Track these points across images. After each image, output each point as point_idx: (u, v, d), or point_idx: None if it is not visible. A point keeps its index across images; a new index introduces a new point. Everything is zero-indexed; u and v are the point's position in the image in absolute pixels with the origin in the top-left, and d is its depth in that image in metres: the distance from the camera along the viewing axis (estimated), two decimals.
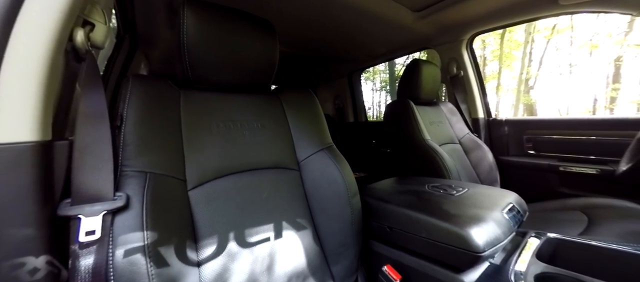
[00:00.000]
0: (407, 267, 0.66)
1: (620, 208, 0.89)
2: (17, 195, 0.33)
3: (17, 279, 0.32)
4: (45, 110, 0.38)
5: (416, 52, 1.71)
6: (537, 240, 0.65)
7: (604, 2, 0.94)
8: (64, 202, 0.40)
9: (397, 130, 1.26)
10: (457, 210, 0.63)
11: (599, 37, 6.97)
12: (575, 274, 0.51)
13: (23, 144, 0.34)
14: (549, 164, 1.26)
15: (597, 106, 7.20)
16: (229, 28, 0.64)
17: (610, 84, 6.83)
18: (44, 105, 0.37)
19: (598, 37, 6.97)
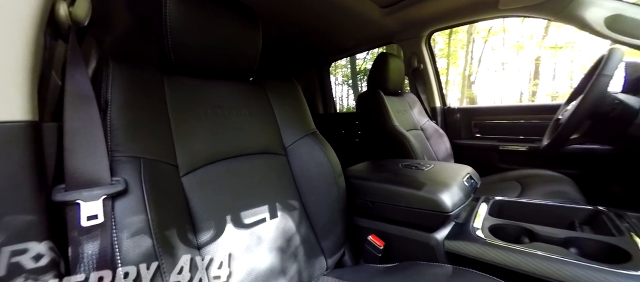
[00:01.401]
0: (389, 235, 0.75)
1: (544, 175, 1.12)
2: (14, 177, 0.31)
3: (20, 265, 0.31)
4: (32, 89, 0.35)
5: (381, 47, 1.83)
6: (486, 204, 0.79)
7: (532, 8, 1.15)
8: (58, 187, 0.38)
9: (369, 118, 1.36)
10: (428, 181, 0.74)
11: (523, 39, 8.18)
12: (516, 223, 0.66)
13: (14, 124, 0.32)
14: (491, 145, 1.49)
15: (522, 98, 8.48)
16: (212, 12, 0.64)
17: (532, 80, 8.12)
18: (31, 83, 0.35)
19: (523, 39, 8.18)
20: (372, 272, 0.66)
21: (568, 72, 7.99)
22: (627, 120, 0.78)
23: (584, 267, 0.48)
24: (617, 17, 0.98)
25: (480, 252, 0.59)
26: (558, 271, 0.49)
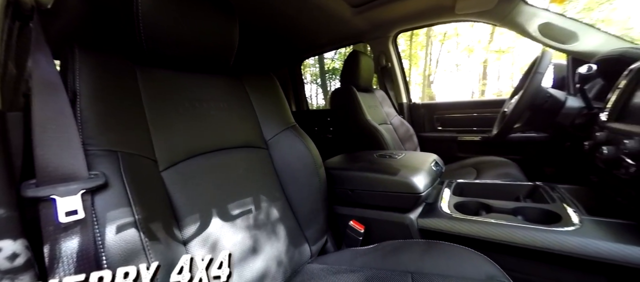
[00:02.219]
0: (368, 219, 0.81)
1: (495, 161, 1.29)
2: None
3: None
4: None
5: (351, 45, 1.91)
6: (450, 186, 0.89)
7: (482, 14, 1.31)
8: (28, 183, 0.35)
9: (343, 113, 1.41)
10: (402, 167, 0.81)
11: (473, 43, 9.09)
12: (475, 199, 0.76)
13: None
14: (450, 136, 1.66)
15: (474, 96, 9.41)
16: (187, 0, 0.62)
17: (481, 80, 9.08)
18: None
19: (473, 43, 9.08)
20: (354, 255, 0.71)
21: (509, 74, 9.08)
22: (555, 110, 0.94)
23: (528, 228, 0.58)
24: (548, 25, 1.17)
25: (448, 226, 0.67)
26: (510, 234, 0.58)
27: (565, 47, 1.15)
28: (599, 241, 0.52)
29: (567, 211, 0.63)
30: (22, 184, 0.35)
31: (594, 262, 0.52)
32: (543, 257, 0.57)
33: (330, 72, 8.09)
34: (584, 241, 0.53)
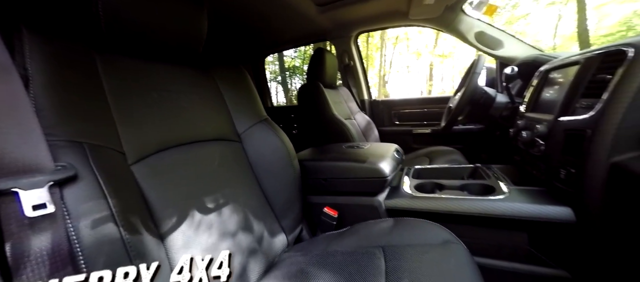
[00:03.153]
0: (341, 205, 0.87)
1: (443, 150, 1.48)
2: None
3: None
4: None
5: (314, 43, 1.96)
6: (409, 172, 1.01)
7: (431, 20, 1.48)
8: None
9: (311, 108, 1.45)
10: (369, 156, 0.89)
11: (421, 48, 10.00)
12: (430, 180, 0.88)
13: None
14: (406, 130, 1.84)
15: (422, 95, 10.40)
16: None
17: (428, 81, 10.06)
18: None
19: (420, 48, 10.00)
20: (329, 239, 0.76)
21: (451, 76, 10.25)
22: (488, 105, 1.13)
23: (472, 200, 0.70)
24: (481, 33, 1.39)
25: (410, 204, 0.77)
26: (458, 206, 0.70)
27: (494, 53, 1.38)
28: (521, 204, 0.66)
29: (499, 184, 0.77)
30: None
31: (519, 221, 0.66)
32: (483, 222, 0.70)
33: (291, 70, 8.06)
34: (511, 205, 0.66)
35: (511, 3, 8.27)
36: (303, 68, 8.00)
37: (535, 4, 8.05)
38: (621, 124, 0.49)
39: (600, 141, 0.52)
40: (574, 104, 0.62)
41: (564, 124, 0.62)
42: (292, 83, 8.14)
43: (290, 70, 8.08)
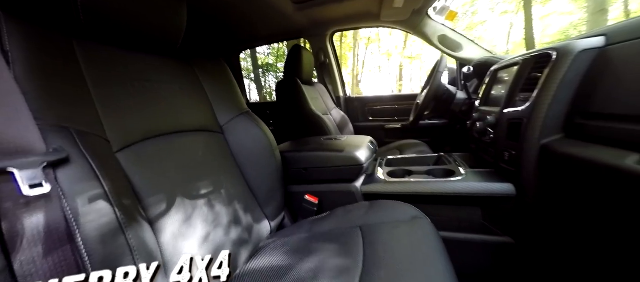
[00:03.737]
0: (320, 192, 0.92)
1: (412, 143, 1.61)
2: None
3: None
4: None
5: (290, 40, 1.99)
6: (382, 162, 1.10)
7: (400, 23, 1.60)
8: None
9: (289, 104, 1.49)
10: (346, 146, 0.95)
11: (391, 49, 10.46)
12: (401, 168, 0.97)
13: None
14: (379, 125, 1.95)
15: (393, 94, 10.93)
16: None
17: (398, 81, 10.56)
18: None
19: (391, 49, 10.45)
20: (311, 223, 0.81)
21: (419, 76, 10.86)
22: (450, 101, 1.27)
23: (436, 182, 0.81)
24: (444, 36, 1.54)
25: (384, 188, 0.85)
26: (425, 188, 0.80)
27: (455, 54, 1.53)
28: (475, 183, 0.77)
29: (458, 168, 0.89)
30: None
31: (473, 198, 0.77)
32: (445, 200, 0.80)
33: (264, 68, 7.94)
34: (467, 185, 0.77)
35: (471, 10, 9.02)
36: (277, 66, 7.92)
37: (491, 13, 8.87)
38: (547, 113, 0.61)
39: (532, 127, 0.64)
40: (515, 98, 0.74)
41: (508, 115, 0.74)
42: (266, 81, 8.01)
43: (264, 67, 7.95)
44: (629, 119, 0.46)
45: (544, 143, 0.62)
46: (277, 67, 8.03)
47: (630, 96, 0.47)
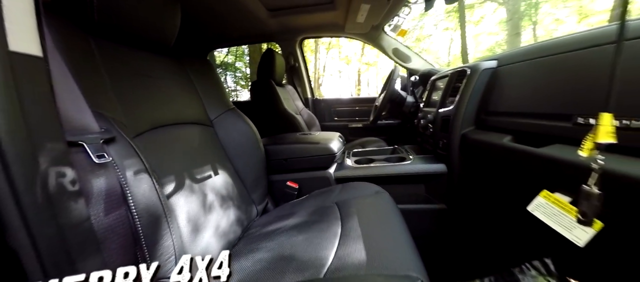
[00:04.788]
0: (299, 179, 1.08)
1: (372, 140, 1.86)
2: (46, 108, 0.34)
3: (64, 186, 0.34)
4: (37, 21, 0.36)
5: (262, 43, 2.08)
6: (349, 154, 1.30)
7: (362, 35, 1.84)
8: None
9: (264, 103, 1.60)
10: (321, 139, 1.12)
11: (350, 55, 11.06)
12: (365, 157, 1.18)
13: (33, 57, 0.34)
14: (344, 125, 2.17)
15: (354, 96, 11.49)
16: None
17: (356, 86, 11.20)
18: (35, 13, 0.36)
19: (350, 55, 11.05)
20: (293, 205, 0.95)
21: (375, 82, 11.68)
22: (402, 104, 1.54)
23: (392, 166, 1.03)
24: (397, 49, 1.82)
25: (352, 173, 1.04)
26: (383, 170, 1.01)
27: (405, 65, 1.83)
28: (420, 165, 1.01)
29: (408, 155, 1.13)
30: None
31: (418, 176, 1.01)
32: (399, 180, 1.03)
33: (223, 67, 7.67)
34: (414, 166, 1.01)
35: (420, 24, 10.06)
36: (235, 65, 7.75)
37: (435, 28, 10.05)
38: (464, 112, 0.87)
39: (456, 122, 0.90)
40: (446, 101, 1.00)
41: (441, 114, 1.00)
42: (225, 79, 7.75)
43: (222, 66, 7.68)
44: (506, 114, 0.73)
45: (463, 133, 0.88)
46: (235, 66, 7.85)
47: (507, 100, 0.74)
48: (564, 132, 0.46)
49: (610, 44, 0.40)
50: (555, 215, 0.47)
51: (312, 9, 1.58)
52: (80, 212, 0.36)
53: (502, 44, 8.18)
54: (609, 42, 0.42)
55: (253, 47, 5.23)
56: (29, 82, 0.32)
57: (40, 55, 0.35)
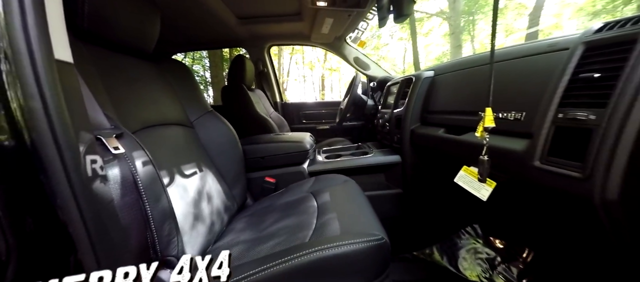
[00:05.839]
0: (276, 175, 1.18)
1: (339, 140, 2.04)
2: (78, 103, 0.41)
3: (95, 170, 0.41)
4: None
5: (230, 48, 2.13)
6: (320, 151, 1.44)
7: (326, 44, 2.02)
8: None
9: (236, 107, 1.66)
10: (294, 138, 1.24)
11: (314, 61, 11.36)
12: (334, 153, 1.33)
13: (68, 63, 0.41)
14: (312, 127, 2.32)
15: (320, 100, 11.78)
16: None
17: (320, 91, 11.51)
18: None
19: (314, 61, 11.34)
20: (272, 198, 1.05)
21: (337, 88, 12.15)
22: (363, 107, 1.74)
23: (357, 159, 1.20)
24: (357, 58, 2.04)
25: (323, 167, 1.19)
26: (350, 163, 1.18)
27: (365, 72, 2.05)
28: (380, 157, 1.20)
29: (370, 149, 1.32)
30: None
31: (379, 166, 1.19)
32: (364, 170, 1.20)
33: None
34: (375, 158, 1.19)
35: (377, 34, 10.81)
36: (193, 68, 7.43)
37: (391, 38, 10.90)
38: (412, 111, 1.08)
39: (406, 120, 1.10)
40: (398, 103, 1.21)
41: (395, 114, 1.20)
42: None
43: None
44: (441, 113, 0.94)
45: (412, 128, 1.09)
46: (193, 70, 7.52)
47: (441, 101, 0.96)
48: (474, 124, 0.66)
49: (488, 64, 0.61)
50: (471, 182, 0.67)
51: (280, 19, 1.71)
52: (108, 194, 0.43)
53: (447, 54, 9.25)
54: (485, 63, 0.63)
55: (213, 51, 5.13)
56: (67, 84, 0.39)
57: (71, 62, 0.42)
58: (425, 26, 9.58)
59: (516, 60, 0.62)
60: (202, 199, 0.83)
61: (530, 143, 0.52)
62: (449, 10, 7.54)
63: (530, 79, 0.57)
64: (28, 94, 0.33)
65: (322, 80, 11.82)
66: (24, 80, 0.33)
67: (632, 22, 0.42)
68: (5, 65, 0.32)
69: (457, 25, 7.46)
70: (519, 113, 0.57)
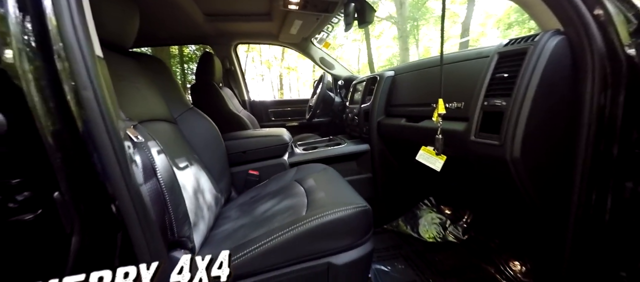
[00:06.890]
0: (259, 167, 1.25)
1: (309, 135, 2.15)
2: (111, 94, 0.45)
3: (130, 154, 0.46)
4: None
5: (196, 45, 2.07)
6: (296, 144, 1.54)
7: (293, 44, 2.11)
8: None
9: (207, 105, 1.64)
10: (273, 132, 1.32)
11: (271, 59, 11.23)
12: (310, 145, 1.45)
13: (101, 58, 0.45)
14: (281, 123, 2.39)
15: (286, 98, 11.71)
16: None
17: (279, 90, 11.44)
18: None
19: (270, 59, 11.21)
20: (257, 189, 1.12)
21: (296, 87, 12.22)
22: (331, 103, 1.89)
23: (331, 149, 1.34)
24: (323, 58, 2.19)
25: (303, 158, 1.30)
26: (326, 153, 1.31)
27: (331, 72, 2.21)
28: (352, 146, 1.36)
29: (343, 141, 1.47)
30: None
31: (351, 154, 1.35)
32: (338, 159, 1.35)
33: None
34: (347, 148, 1.35)
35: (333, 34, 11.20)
36: None
37: (346, 39, 11.42)
38: (378, 105, 1.26)
39: (373, 113, 1.28)
40: (365, 98, 1.39)
41: (363, 108, 1.38)
42: None
43: None
44: (402, 105, 1.14)
45: (378, 120, 1.27)
46: None
47: (401, 96, 1.15)
48: (429, 113, 0.85)
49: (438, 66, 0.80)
50: (428, 157, 0.86)
51: (249, 18, 1.74)
52: (138, 176, 0.48)
53: (397, 55, 10.12)
54: (436, 65, 0.84)
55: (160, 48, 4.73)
56: (104, 77, 0.43)
57: (102, 56, 0.46)
58: (376, 29, 10.31)
59: (458, 64, 0.83)
60: (197, 191, 0.86)
61: (468, 125, 0.72)
62: (397, 16, 8.26)
63: (467, 78, 0.77)
64: (82, 86, 0.38)
65: (280, 79, 11.75)
66: (77, 73, 0.37)
67: (524, 40, 0.64)
68: (59, 64, 0.36)
69: (404, 30, 8.24)
70: (460, 103, 0.77)
